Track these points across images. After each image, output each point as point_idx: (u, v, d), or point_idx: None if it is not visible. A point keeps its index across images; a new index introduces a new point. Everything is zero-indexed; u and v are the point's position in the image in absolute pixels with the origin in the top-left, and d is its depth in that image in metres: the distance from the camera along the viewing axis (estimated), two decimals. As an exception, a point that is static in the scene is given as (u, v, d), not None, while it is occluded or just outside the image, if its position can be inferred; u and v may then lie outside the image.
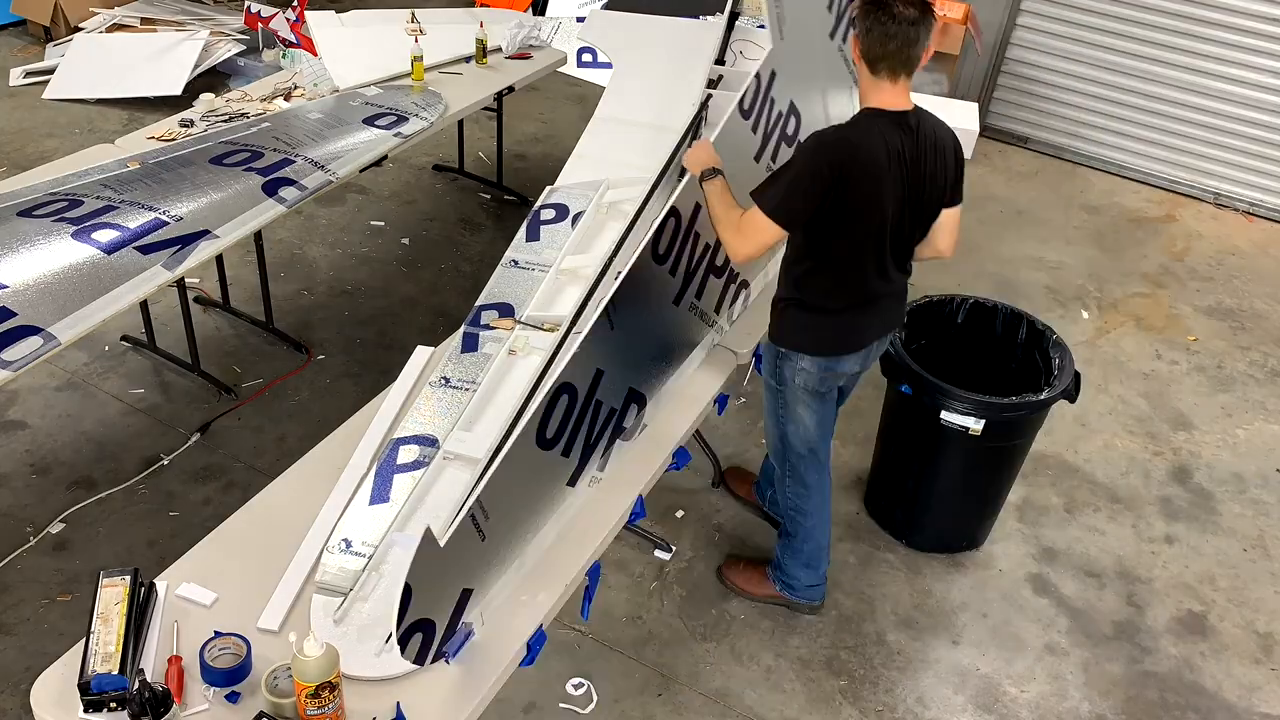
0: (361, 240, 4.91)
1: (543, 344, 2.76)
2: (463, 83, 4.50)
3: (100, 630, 1.97)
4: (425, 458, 2.49)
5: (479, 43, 4.62)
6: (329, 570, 2.22)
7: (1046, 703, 3.12)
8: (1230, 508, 3.87)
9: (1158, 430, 4.20)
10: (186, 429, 3.75)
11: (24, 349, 2.71)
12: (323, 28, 4.45)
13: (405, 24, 4.57)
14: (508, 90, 4.61)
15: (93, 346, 4.07)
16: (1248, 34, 5.56)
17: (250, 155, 3.65)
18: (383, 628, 2.08)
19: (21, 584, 3.17)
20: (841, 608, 3.33)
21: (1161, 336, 4.73)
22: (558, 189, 3.36)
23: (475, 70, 4.62)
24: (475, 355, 2.78)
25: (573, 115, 6.10)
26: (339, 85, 4.26)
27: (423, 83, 4.34)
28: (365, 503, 2.37)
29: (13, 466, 3.56)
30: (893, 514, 3.57)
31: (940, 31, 5.84)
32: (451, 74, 4.55)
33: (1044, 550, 3.62)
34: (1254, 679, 3.24)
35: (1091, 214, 5.69)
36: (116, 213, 3.23)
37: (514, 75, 4.64)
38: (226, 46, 5.99)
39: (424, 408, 2.62)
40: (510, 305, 2.92)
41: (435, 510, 2.36)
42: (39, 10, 6.28)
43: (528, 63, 4.75)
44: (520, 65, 4.73)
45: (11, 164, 5.11)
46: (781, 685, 3.08)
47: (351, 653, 2.03)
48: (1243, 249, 5.53)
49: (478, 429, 2.57)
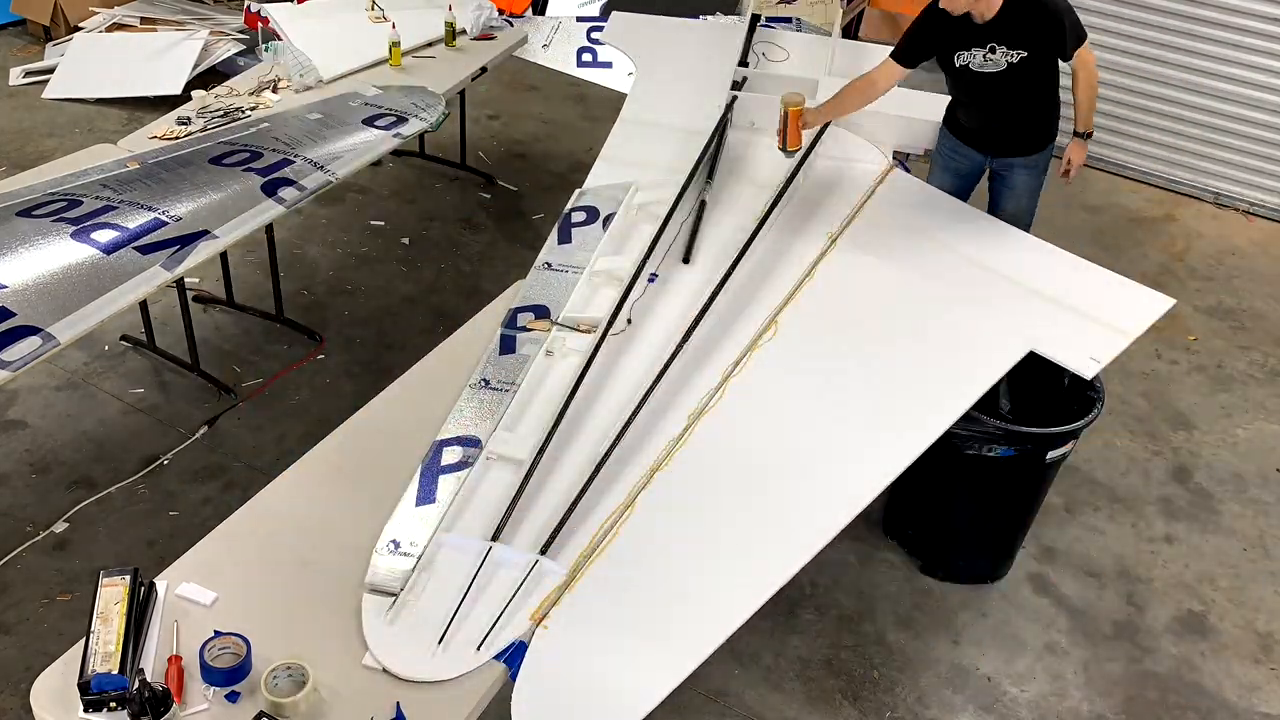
0: (361, 240, 4.91)
1: (579, 345, 2.78)
2: (438, 66, 4.53)
3: (100, 630, 1.97)
4: (469, 458, 2.50)
5: (449, 25, 4.66)
6: (379, 571, 2.23)
7: (1046, 702, 3.11)
8: (1230, 507, 3.87)
9: (1158, 430, 4.20)
10: (186, 428, 3.75)
11: (23, 349, 2.71)
12: (290, 19, 4.48)
13: (366, 10, 4.62)
14: (481, 71, 4.65)
15: (92, 346, 4.07)
16: (1248, 34, 5.55)
17: (250, 155, 3.65)
18: (433, 629, 2.10)
19: (21, 584, 3.17)
20: (841, 608, 3.33)
21: (1161, 336, 4.72)
22: (587, 191, 3.37)
23: (446, 53, 4.67)
24: (514, 357, 2.81)
25: (573, 115, 6.10)
26: (323, 76, 4.27)
27: (401, 67, 4.38)
28: (412, 504, 2.39)
29: (13, 466, 3.56)
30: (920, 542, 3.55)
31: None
32: (425, 58, 4.59)
33: (1044, 550, 3.61)
34: (1254, 679, 3.24)
35: (1091, 214, 5.69)
36: (116, 213, 3.23)
37: (484, 56, 4.68)
38: (226, 46, 5.98)
39: (465, 410, 2.64)
40: (546, 307, 2.95)
41: (480, 510, 2.37)
42: (39, 10, 6.28)
43: (493, 44, 4.79)
44: (487, 46, 4.76)
45: (11, 164, 5.11)
46: (781, 685, 3.08)
47: (404, 654, 2.06)
48: (1243, 249, 5.52)
49: (520, 429, 2.59)
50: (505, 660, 2.08)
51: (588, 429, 2.58)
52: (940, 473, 3.18)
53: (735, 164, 3.45)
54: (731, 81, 3.64)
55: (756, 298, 2.94)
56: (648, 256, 2.99)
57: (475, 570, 2.22)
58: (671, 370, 2.69)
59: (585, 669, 2.10)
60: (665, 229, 3.07)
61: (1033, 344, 2.78)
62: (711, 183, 3.29)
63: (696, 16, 4.44)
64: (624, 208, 3.27)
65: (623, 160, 3.51)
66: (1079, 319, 2.89)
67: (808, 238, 3.14)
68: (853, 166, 3.40)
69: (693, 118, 3.59)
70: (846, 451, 2.57)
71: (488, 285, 4.44)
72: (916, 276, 3.05)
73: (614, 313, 2.83)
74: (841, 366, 2.81)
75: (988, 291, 2.98)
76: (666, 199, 3.19)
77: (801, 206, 3.26)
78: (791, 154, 3.29)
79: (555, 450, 2.49)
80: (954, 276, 3.03)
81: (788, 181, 3.23)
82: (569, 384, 2.63)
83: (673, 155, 3.45)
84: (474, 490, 2.44)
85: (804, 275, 2.99)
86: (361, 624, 2.13)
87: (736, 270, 2.95)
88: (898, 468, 2.49)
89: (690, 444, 2.53)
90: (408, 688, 2.02)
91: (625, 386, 2.68)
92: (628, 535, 2.32)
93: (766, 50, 4.15)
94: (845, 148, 3.42)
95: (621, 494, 2.41)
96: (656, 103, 3.77)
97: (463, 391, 2.70)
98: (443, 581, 2.21)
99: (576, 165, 5.43)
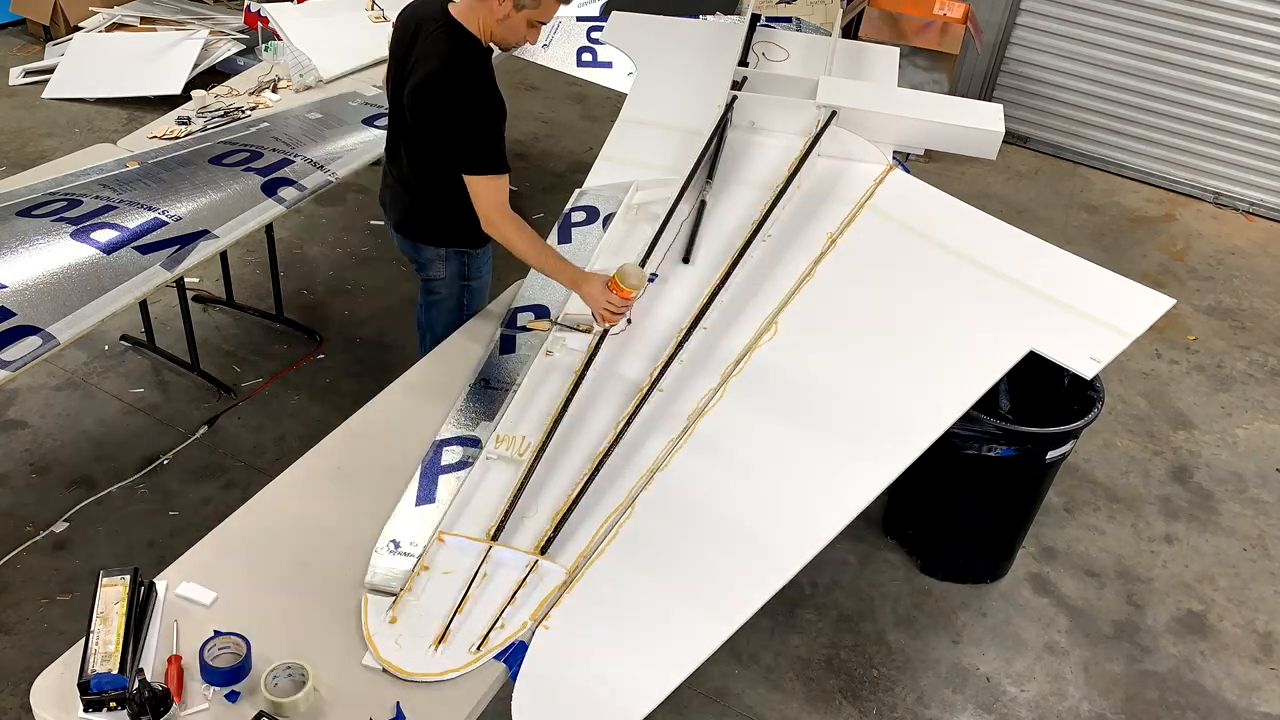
0: (361, 240, 4.91)
1: (579, 345, 2.78)
2: None
3: (100, 630, 1.97)
4: (469, 458, 2.51)
5: None
6: (378, 571, 2.23)
7: (1046, 702, 3.12)
8: (1230, 507, 3.87)
9: (1157, 430, 4.20)
10: (186, 428, 3.75)
11: (23, 349, 2.71)
12: (290, 19, 4.47)
13: (366, 10, 4.61)
14: None
15: (92, 346, 4.07)
16: (1248, 34, 5.56)
17: (249, 155, 3.65)
18: (433, 626, 2.11)
19: (21, 584, 3.17)
20: (841, 607, 3.33)
21: (1161, 336, 4.73)
22: (587, 191, 3.37)
23: None
24: (513, 356, 2.81)
25: (573, 115, 6.10)
26: (323, 75, 4.27)
27: None
28: (412, 504, 2.39)
29: (12, 466, 3.56)
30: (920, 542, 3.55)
31: (940, 31, 5.86)
32: None
33: (1043, 549, 3.62)
34: (1254, 678, 3.24)
35: (1091, 213, 5.69)
36: (116, 213, 3.23)
37: None
38: (226, 46, 5.98)
39: (465, 410, 2.64)
40: (546, 307, 2.95)
41: (480, 510, 2.37)
42: (39, 10, 6.28)
43: None
44: None
45: (11, 163, 5.11)
46: (781, 684, 3.08)
47: (404, 651, 2.07)
48: (1243, 249, 5.52)
49: (520, 429, 2.58)
50: (505, 660, 2.08)
51: (588, 429, 2.58)
52: (940, 473, 3.19)
53: (735, 164, 3.45)
54: (731, 81, 3.64)
55: (756, 298, 2.94)
56: (648, 256, 2.99)
57: (475, 570, 2.22)
58: (671, 370, 2.69)
59: (585, 669, 2.10)
60: (665, 229, 3.08)
61: (1033, 344, 2.78)
62: (711, 183, 3.29)
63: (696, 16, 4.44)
64: (624, 208, 3.26)
65: (623, 160, 3.51)
66: (1079, 319, 2.88)
67: (808, 238, 3.13)
68: (853, 166, 3.39)
69: (693, 118, 3.58)
70: (846, 451, 2.57)
71: (488, 285, 4.44)
72: (916, 276, 3.05)
73: None
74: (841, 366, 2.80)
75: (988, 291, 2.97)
76: (666, 199, 3.19)
77: (801, 206, 3.25)
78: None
79: (555, 450, 2.49)
80: (954, 276, 3.02)
81: (788, 181, 3.22)
82: (569, 384, 2.63)
83: (673, 155, 3.45)
84: (474, 490, 2.44)
85: (804, 275, 2.99)
86: (361, 624, 2.13)
87: (736, 270, 2.95)
88: (897, 468, 2.49)
89: (690, 444, 2.53)
90: (407, 687, 2.02)
91: (625, 386, 2.68)
92: (627, 535, 2.32)
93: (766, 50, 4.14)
94: (845, 148, 3.41)
95: (621, 494, 2.41)
96: (656, 103, 3.77)
97: (463, 391, 2.70)
98: (443, 581, 2.22)
99: (576, 165, 5.44)
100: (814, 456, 2.56)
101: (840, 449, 2.57)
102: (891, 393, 2.70)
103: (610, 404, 2.64)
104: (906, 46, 5.67)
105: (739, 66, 3.78)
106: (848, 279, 3.01)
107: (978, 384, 2.69)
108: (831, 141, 3.42)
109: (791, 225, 3.19)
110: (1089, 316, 2.89)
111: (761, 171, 3.41)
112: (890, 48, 4.35)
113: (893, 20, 5.95)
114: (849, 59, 4.14)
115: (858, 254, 3.09)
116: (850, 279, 3.01)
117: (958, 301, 2.97)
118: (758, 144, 3.55)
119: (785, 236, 3.14)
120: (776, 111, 3.57)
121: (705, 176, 3.31)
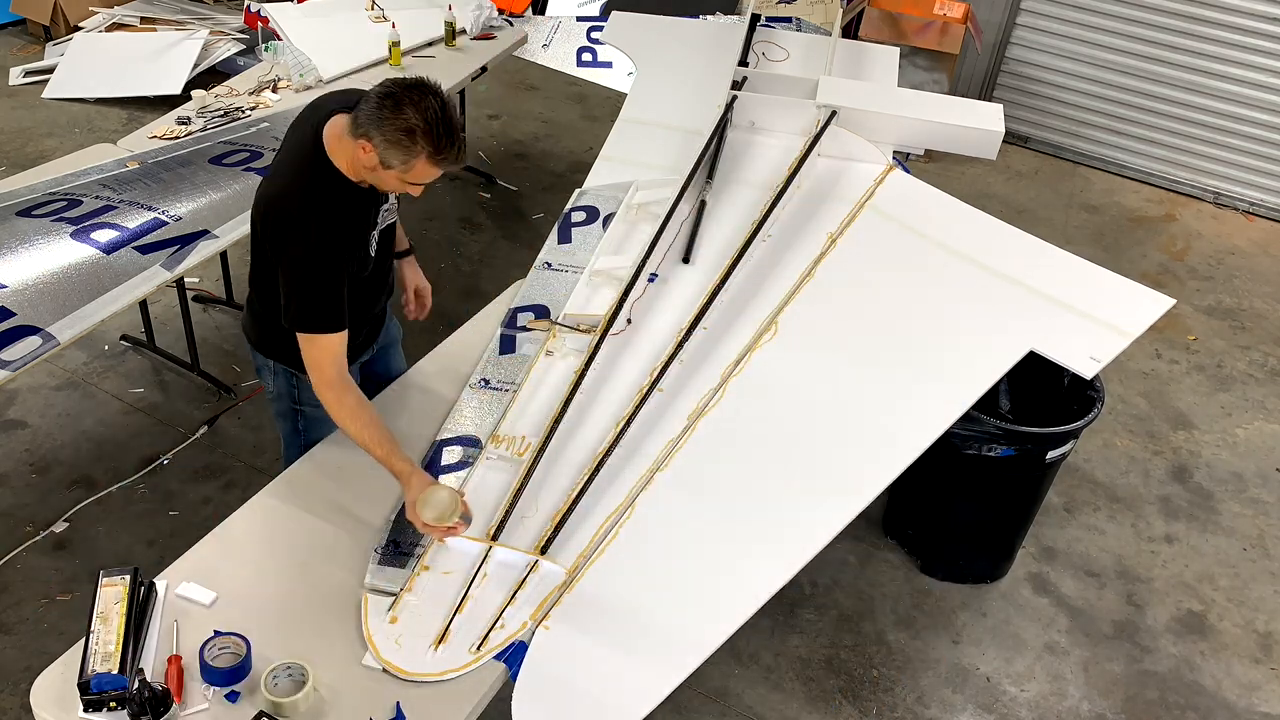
0: (361, 240, 4.90)
1: (579, 345, 2.78)
2: (438, 65, 4.50)
3: (100, 629, 1.97)
4: (469, 458, 2.51)
5: (448, 25, 4.66)
6: (378, 572, 2.23)
7: (1046, 702, 3.12)
8: (1230, 507, 3.87)
9: (1157, 429, 4.20)
10: (186, 428, 3.75)
11: (23, 349, 2.71)
12: (290, 19, 4.47)
13: (366, 10, 4.62)
14: (481, 70, 4.65)
15: (92, 346, 4.07)
16: (1248, 34, 5.56)
17: (250, 155, 3.65)
18: (433, 626, 2.11)
19: (21, 583, 3.17)
20: (841, 607, 3.33)
21: (1161, 336, 4.73)
22: (587, 191, 3.37)
23: (446, 52, 4.66)
24: (514, 357, 2.81)
25: (573, 115, 6.10)
26: (323, 75, 4.27)
27: (400, 67, 4.37)
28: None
29: (12, 466, 3.56)
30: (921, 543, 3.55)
31: (940, 31, 5.85)
32: (424, 57, 4.57)
33: (1043, 549, 3.62)
34: (1254, 678, 3.24)
35: (1091, 213, 5.69)
36: (116, 213, 3.23)
37: (484, 56, 4.67)
38: (226, 46, 5.98)
39: (465, 410, 2.64)
40: (546, 307, 2.95)
41: (480, 510, 2.37)
42: (39, 10, 6.28)
43: (493, 43, 4.78)
44: (486, 46, 4.75)
45: (11, 163, 5.11)
46: (781, 684, 3.08)
47: (404, 651, 2.07)
48: (1243, 249, 5.52)
49: (520, 429, 2.58)
50: (505, 660, 2.08)
51: (588, 429, 2.58)
52: (940, 472, 3.19)
53: (735, 164, 3.45)
54: (731, 81, 3.64)
55: (756, 298, 2.94)
56: (648, 256, 2.99)
57: (475, 570, 2.22)
58: (671, 370, 2.69)
59: (585, 669, 2.10)
60: (665, 229, 3.08)
61: (1033, 344, 2.78)
62: (711, 183, 3.29)
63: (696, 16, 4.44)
64: (624, 208, 3.27)
65: (623, 160, 3.51)
66: (1079, 319, 2.89)
67: (808, 238, 3.13)
68: (853, 166, 3.40)
69: (693, 118, 3.59)
70: (846, 451, 2.57)
71: (487, 285, 4.44)
72: (916, 276, 3.05)
73: (614, 312, 2.83)
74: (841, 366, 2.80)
75: (987, 291, 2.97)
76: (666, 199, 3.19)
77: (801, 206, 3.25)
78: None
79: (555, 450, 2.49)
80: (954, 276, 3.03)
81: (788, 181, 3.22)
82: (569, 384, 2.63)
83: (673, 155, 3.45)
84: (474, 490, 2.44)
85: (804, 275, 2.99)
86: (361, 624, 2.13)
87: (736, 270, 2.95)
88: (897, 468, 2.49)
89: (690, 444, 2.53)
90: (407, 687, 2.02)
91: (625, 386, 2.68)
92: (627, 535, 2.32)
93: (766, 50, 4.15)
94: (845, 148, 3.42)
95: (621, 494, 2.41)
96: (656, 103, 3.77)
97: (463, 391, 2.70)
98: (443, 582, 2.22)
99: (576, 165, 5.44)
100: (814, 456, 2.56)
101: (840, 449, 2.58)
102: (891, 393, 2.70)
103: (610, 404, 2.64)
104: (906, 46, 5.67)
105: (739, 66, 3.79)
106: (848, 279, 3.01)
107: (978, 384, 2.69)
108: (831, 141, 3.42)
109: (791, 225, 3.19)
110: (1089, 316, 2.89)
111: (761, 171, 3.41)
112: (890, 48, 4.35)
113: (893, 20, 5.95)
114: (849, 59, 4.14)
115: (858, 254, 3.09)
116: (850, 279, 3.01)
117: (958, 301, 2.97)
118: (758, 144, 3.56)
119: (785, 236, 3.14)
120: (776, 111, 3.57)
121: (705, 176, 3.31)
